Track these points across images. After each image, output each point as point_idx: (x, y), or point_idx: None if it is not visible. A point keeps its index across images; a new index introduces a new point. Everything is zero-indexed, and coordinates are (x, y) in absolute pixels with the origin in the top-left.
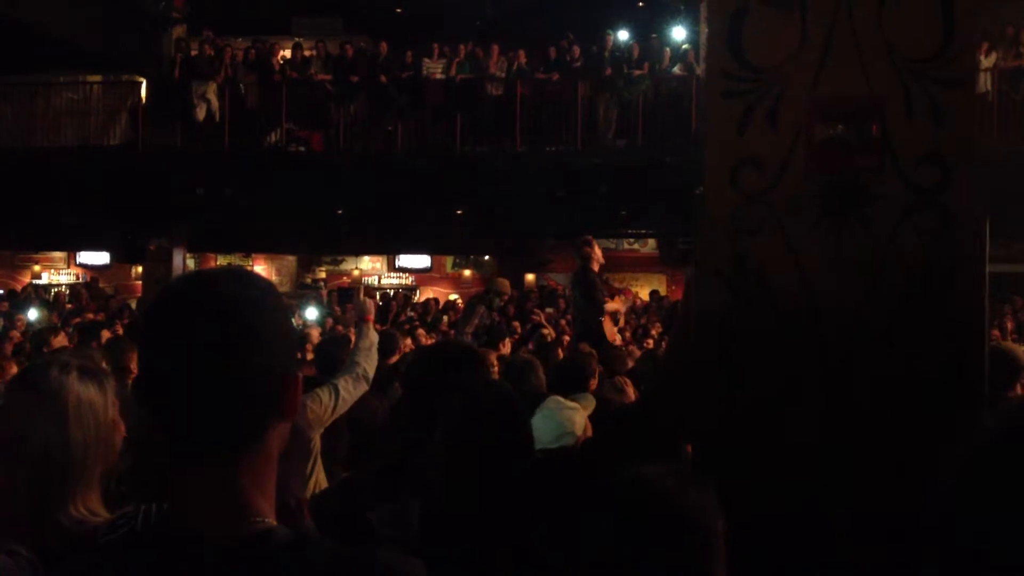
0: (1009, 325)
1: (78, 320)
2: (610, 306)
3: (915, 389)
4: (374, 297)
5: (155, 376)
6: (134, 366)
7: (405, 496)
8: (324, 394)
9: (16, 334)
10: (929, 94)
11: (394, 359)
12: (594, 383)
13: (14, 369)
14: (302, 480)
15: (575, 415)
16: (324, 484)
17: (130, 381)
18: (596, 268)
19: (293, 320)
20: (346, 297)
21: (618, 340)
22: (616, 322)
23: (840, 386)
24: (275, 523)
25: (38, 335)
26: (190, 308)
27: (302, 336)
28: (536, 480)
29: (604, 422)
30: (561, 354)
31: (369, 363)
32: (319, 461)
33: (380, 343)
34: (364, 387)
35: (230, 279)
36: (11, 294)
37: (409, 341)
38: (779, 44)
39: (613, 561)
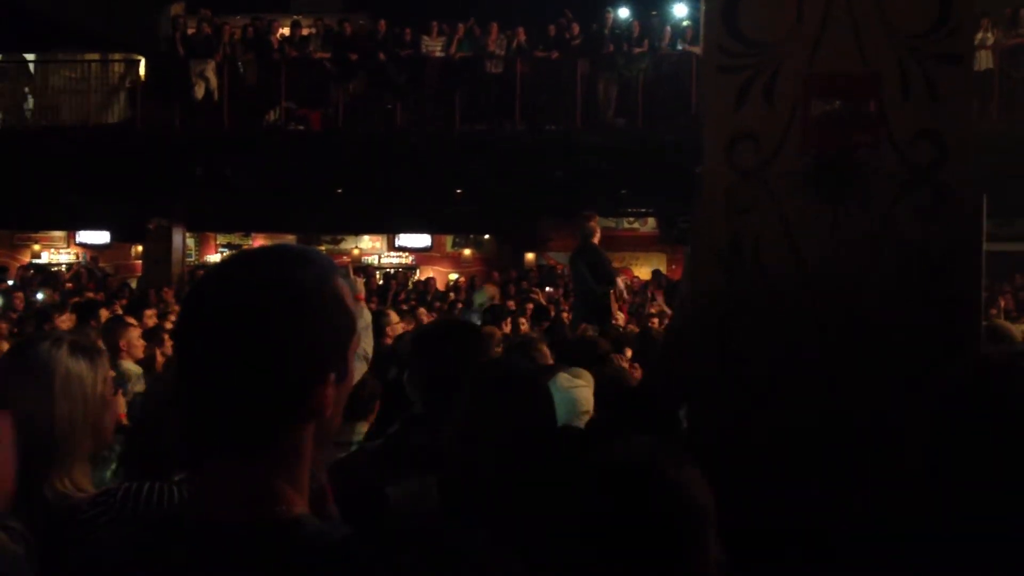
0: (1002, 303)
1: (76, 300)
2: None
3: (911, 366)
4: (373, 275)
5: (183, 363)
6: (124, 344)
7: (405, 472)
8: None
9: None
10: (925, 70)
11: (386, 339)
12: None
13: (6, 347)
14: (324, 465)
15: (588, 392)
16: None
17: (121, 361)
18: (597, 242)
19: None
20: None
21: (620, 317)
22: (620, 300)
23: (836, 363)
24: (303, 513)
25: (40, 313)
26: (218, 298)
27: None
28: (553, 457)
29: (607, 403)
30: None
31: (368, 343)
32: None
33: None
34: (365, 367)
35: (279, 262)
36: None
37: (401, 325)
38: (776, 20)
39: (608, 538)
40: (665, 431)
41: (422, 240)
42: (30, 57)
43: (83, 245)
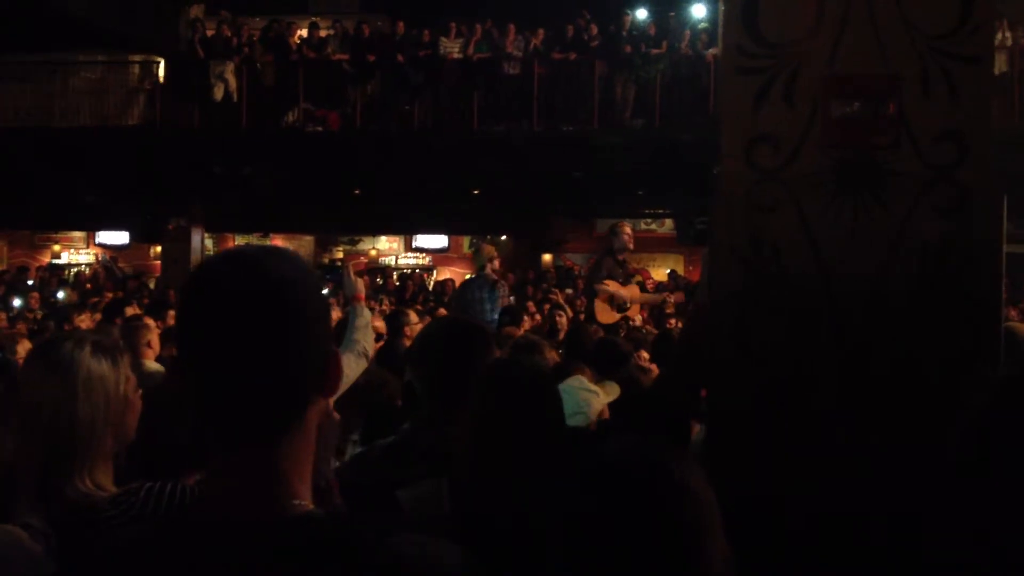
0: (1017, 309)
1: (95, 299)
2: (601, 287)
3: (931, 367)
4: (390, 276)
5: (198, 356)
6: (145, 345)
7: (414, 472)
8: None
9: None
10: (946, 71)
11: (405, 340)
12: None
13: (26, 345)
14: (330, 461)
15: (592, 398)
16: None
17: (143, 360)
18: (622, 258)
19: None
20: (334, 275)
21: (638, 319)
22: (623, 308)
23: (856, 365)
24: (312, 506)
25: (60, 312)
26: (237, 288)
27: None
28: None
29: (620, 404)
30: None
31: (367, 340)
32: None
33: (390, 321)
34: (364, 363)
35: (273, 257)
36: (21, 271)
37: (420, 326)
38: (795, 20)
39: (610, 537)
40: (675, 434)
41: (439, 241)
42: (51, 58)
43: (102, 245)
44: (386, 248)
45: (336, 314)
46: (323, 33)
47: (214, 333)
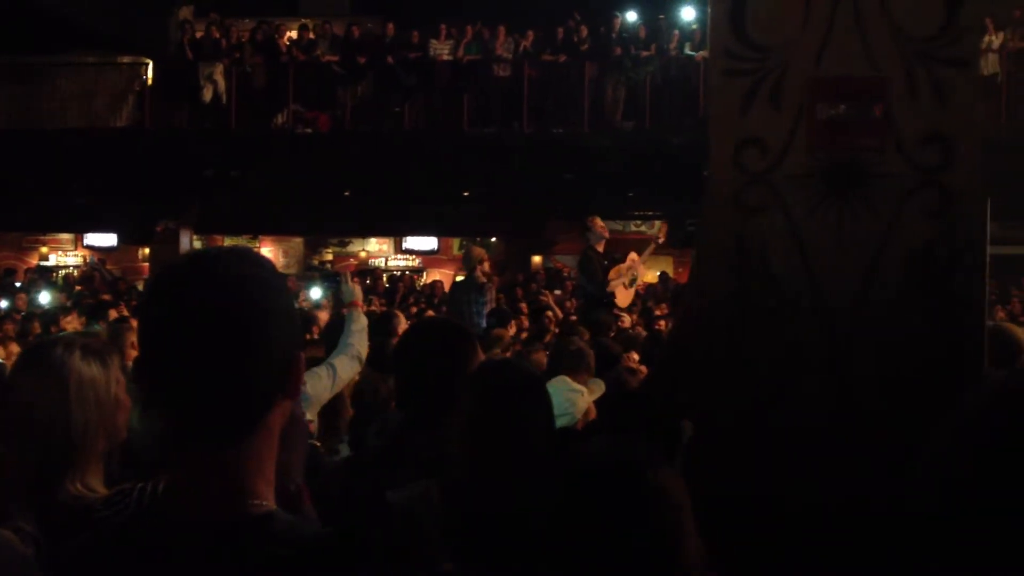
0: (1016, 307)
1: (90, 302)
2: (615, 287)
3: (916, 367)
4: (380, 278)
5: (160, 357)
6: (130, 346)
7: (404, 474)
8: (323, 373)
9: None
10: (932, 74)
11: (395, 340)
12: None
13: (15, 348)
14: (301, 466)
15: (577, 398)
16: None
17: (129, 362)
18: (600, 247)
19: (298, 301)
20: (332, 282)
21: (626, 319)
22: (633, 281)
23: (843, 363)
24: (275, 506)
25: (47, 315)
26: (198, 288)
27: (310, 317)
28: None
29: (608, 405)
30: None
31: (362, 345)
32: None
33: (381, 323)
34: (358, 367)
35: (235, 258)
36: (8, 273)
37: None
38: (783, 24)
39: (585, 538)
40: (666, 434)
41: (429, 243)
42: (40, 59)
43: (90, 248)
44: (376, 250)
45: (324, 316)
46: (312, 35)
47: (173, 333)
